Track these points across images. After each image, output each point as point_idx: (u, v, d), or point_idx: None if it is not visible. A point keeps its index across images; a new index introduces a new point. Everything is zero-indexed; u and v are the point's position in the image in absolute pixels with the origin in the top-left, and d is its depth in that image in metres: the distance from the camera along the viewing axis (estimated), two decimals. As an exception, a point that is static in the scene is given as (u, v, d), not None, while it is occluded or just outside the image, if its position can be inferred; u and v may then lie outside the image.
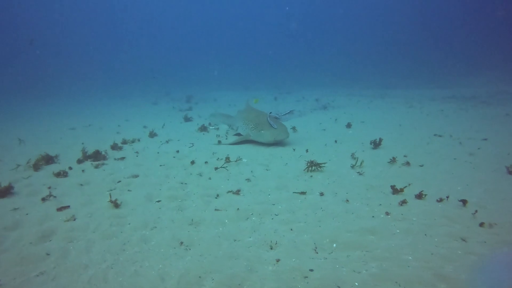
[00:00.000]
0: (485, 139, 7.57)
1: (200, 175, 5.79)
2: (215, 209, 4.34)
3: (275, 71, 31.47)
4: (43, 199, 4.72)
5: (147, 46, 47.87)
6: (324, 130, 9.69)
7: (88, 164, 6.57)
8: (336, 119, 11.20)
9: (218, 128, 10.43)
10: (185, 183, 5.39)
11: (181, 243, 3.50)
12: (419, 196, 4.41)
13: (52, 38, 43.59)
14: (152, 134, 9.45)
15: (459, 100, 14.08)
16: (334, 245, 3.30)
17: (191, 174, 5.87)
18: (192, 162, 6.46)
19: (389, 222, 3.76)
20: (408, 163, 5.97)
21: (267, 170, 6.00)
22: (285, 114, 10.02)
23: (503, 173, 5.33)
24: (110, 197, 4.65)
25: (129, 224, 3.99)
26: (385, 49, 32.44)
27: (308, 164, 5.79)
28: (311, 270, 2.88)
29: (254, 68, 34.26)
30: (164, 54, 44.32)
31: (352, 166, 5.95)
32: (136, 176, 5.85)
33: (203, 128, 10.11)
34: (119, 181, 5.57)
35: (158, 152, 7.42)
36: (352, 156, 6.55)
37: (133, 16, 56.34)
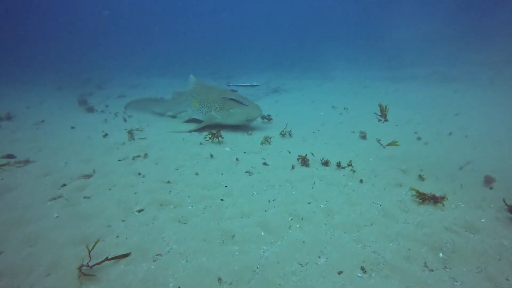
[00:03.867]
0: (457, 114, 7.63)
1: (177, 169, 4.34)
2: (234, 217, 3.04)
3: (211, 58, 29.28)
4: None
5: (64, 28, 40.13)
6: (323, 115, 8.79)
7: None
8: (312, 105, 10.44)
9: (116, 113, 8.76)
10: (169, 182, 3.90)
11: (219, 279, 2.17)
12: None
13: None
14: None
15: (404, 80, 14.58)
16: (441, 254, 2.35)
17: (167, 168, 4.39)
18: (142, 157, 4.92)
19: (462, 211, 2.98)
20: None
21: (263, 159, 4.81)
22: (245, 85, 8.88)
23: None
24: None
25: (111, 253, 2.46)
26: (320, 35, 33.01)
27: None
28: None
29: (188, 54, 31.54)
30: (85, 36, 37.73)
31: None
32: (88, 176, 4.12)
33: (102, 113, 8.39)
34: (64, 185, 3.82)
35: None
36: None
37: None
